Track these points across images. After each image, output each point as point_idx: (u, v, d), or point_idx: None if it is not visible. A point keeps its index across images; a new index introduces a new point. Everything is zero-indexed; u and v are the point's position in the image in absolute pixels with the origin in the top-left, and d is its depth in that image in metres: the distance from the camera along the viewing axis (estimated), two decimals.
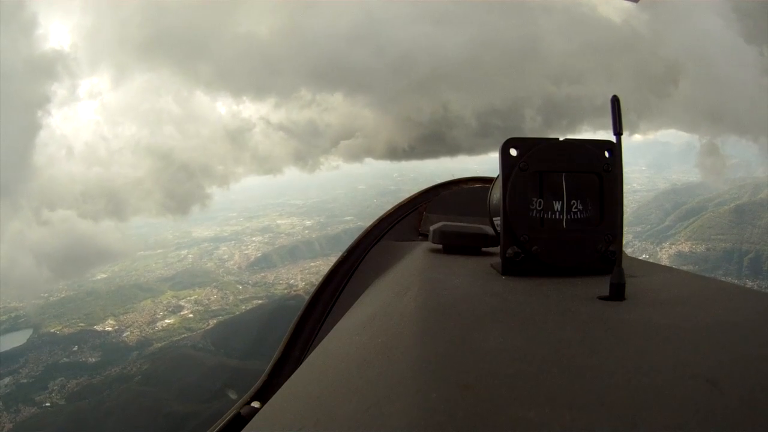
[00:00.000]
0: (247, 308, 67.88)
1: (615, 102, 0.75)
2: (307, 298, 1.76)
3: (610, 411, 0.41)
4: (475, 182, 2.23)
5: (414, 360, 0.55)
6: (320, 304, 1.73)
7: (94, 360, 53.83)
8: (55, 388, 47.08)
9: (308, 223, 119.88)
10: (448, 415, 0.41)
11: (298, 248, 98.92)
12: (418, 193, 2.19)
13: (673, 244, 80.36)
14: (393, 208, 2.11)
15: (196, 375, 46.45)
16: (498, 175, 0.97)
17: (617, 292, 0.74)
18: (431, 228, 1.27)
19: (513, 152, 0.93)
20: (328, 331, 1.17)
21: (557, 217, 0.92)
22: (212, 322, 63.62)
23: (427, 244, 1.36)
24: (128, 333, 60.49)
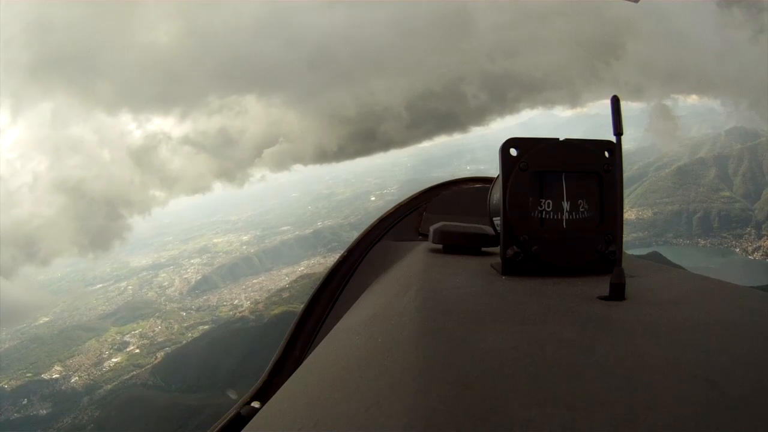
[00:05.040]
0: (194, 336, 68.45)
1: (615, 102, 0.74)
2: (306, 298, 1.77)
3: (610, 411, 0.41)
4: (475, 182, 2.25)
5: (414, 360, 0.55)
6: (320, 304, 1.74)
7: (45, 412, 52.88)
8: None
9: (245, 238, 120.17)
10: (448, 415, 0.42)
11: (237, 266, 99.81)
12: (418, 193, 2.21)
13: None
14: (393, 208, 2.13)
15: (150, 417, 46.84)
16: (498, 175, 0.97)
17: (617, 292, 0.74)
18: (431, 228, 1.28)
19: (513, 152, 0.93)
20: (328, 331, 1.16)
21: (557, 217, 0.92)
22: (159, 355, 63.99)
23: (427, 244, 1.37)
24: (76, 378, 59.63)
